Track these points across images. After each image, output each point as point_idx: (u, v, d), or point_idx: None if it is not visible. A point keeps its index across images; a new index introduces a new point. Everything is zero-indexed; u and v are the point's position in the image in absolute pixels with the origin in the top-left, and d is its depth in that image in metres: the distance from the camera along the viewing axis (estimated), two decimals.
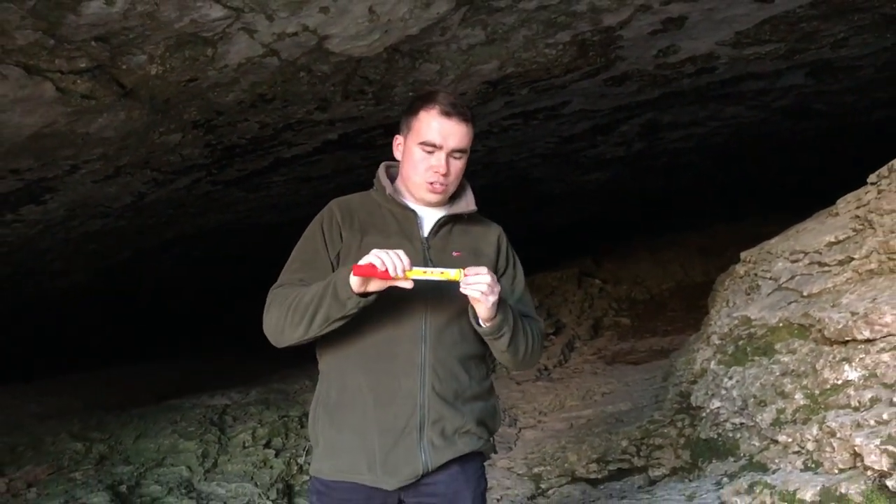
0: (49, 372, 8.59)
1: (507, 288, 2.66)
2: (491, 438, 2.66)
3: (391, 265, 2.23)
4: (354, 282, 2.26)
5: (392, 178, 2.64)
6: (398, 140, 2.62)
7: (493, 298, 2.34)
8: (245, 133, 5.49)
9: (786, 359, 4.29)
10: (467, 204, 2.62)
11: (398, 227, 2.55)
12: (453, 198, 2.64)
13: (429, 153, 2.49)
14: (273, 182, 7.19)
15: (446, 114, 2.48)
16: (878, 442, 3.14)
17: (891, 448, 3.06)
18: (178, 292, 11.99)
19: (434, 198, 2.53)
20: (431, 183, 2.49)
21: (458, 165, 2.53)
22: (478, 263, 2.55)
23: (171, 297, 12.14)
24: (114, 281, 9.38)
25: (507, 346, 2.49)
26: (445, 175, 2.49)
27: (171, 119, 4.81)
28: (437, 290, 2.44)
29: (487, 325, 2.41)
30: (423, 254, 2.50)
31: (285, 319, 2.39)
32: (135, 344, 11.61)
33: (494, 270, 2.62)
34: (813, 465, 3.58)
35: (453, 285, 2.34)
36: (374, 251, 2.26)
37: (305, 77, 4.69)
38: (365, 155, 6.78)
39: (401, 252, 2.26)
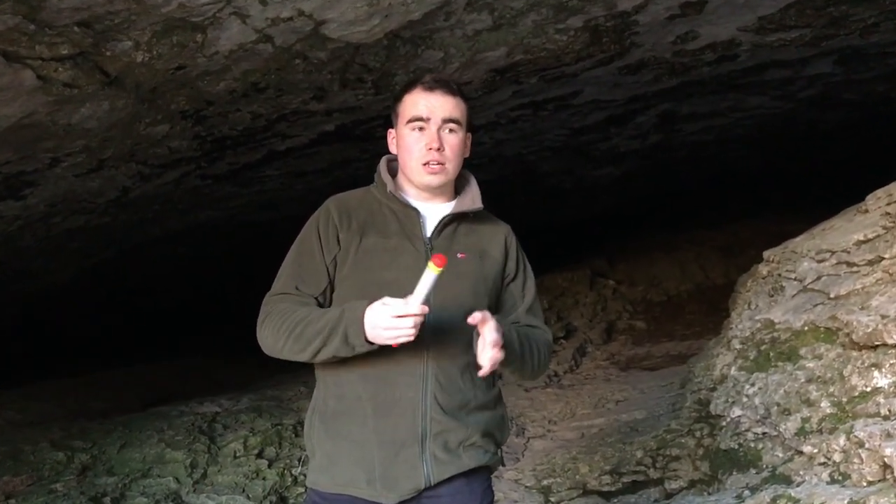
0: (29, 376, 8.60)
1: (516, 294, 2.66)
2: (498, 451, 2.65)
3: (406, 334, 2.25)
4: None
5: (394, 173, 2.64)
6: (391, 134, 2.64)
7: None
8: (236, 124, 5.50)
9: (811, 364, 4.28)
10: (473, 200, 2.62)
11: (399, 226, 2.54)
12: (457, 193, 2.64)
13: (419, 130, 2.50)
14: (266, 176, 7.19)
15: (429, 88, 2.52)
16: None
17: None
18: (165, 293, 12.00)
19: (434, 179, 2.52)
20: (427, 163, 2.50)
21: (453, 140, 2.53)
22: (483, 266, 2.56)
23: (158, 298, 12.15)
24: (98, 280, 9.39)
25: (512, 371, 2.56)
26: (440, 150, 2.49)
27: (157, 109, 4.81)
28: (440, 295, 2.44)
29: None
30: (425, 255, 2.50)
31: (285, 344, 2.42)
32: (120, 347, 11.62)
33: (502, 274, 2.63)
34: (840, 478, 3.57)
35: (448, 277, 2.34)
36: (380, 328, 2.26)
37: (301, 65, 4.70)
38: (364, 148, 6.79)
39: (400, 310, 2.24)
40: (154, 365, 9.79)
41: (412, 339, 2.26)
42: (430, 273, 2.21)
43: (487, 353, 2.31)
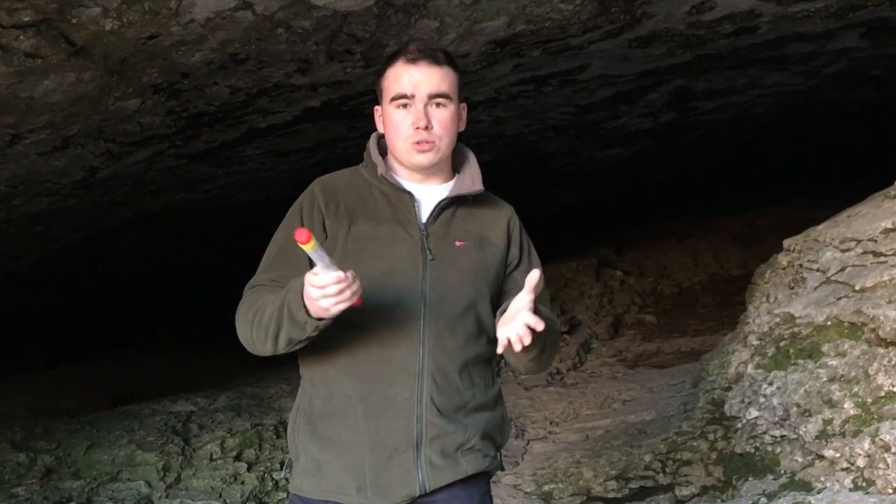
0: None
1: (521, 284, 2.63)
2: (498, 454, 2.65)
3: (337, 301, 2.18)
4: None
5: (384, 152, 2.62)
6: (378, 112, 2.62)
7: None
8: (213, 99, 5.47)
9: (834, 362, 4.29)
10: (473, 181, 2.60)
11: (392, 211, 2.52)
12: (456, 172, 2.62)
13: (404, 107, 2.48)
14: (246, 156, 7.16)
15: (412, 60, 2.48)
16: None
17: None
18: (137, 281, 11.98)
19: (424, 159, 2.49)
20: (416, 142, 2.47)
21: (443, 116, 2.49)
22: (484, 254, 2.54)
23: (129, 287, 12.13)
24: (63, 268, 9.37)
25: (532, 358, 2.50)
26: (428, 128, 2.46)
27: (128, 82, 4.79)
28: (436, 287, 2.43)
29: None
30: (420, 243, 2.48)
31: (252, 335, 2.42)
32: (88, 340, 11.62)
33: (504, 262, 2.61)
34: (864, 484, 3.58)
35: (446, 276, 2.31)
36: (311, 298, 2.20)
37: (284, 34, 4.67)
38: (352, 125, 6.77)
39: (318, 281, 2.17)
40: (124, 360, 9.79)
41: (351, 303, 2.19)
42: (306, 250, 2.13)
43: (522, 320, 2.28)
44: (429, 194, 2.57)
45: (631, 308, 10.95)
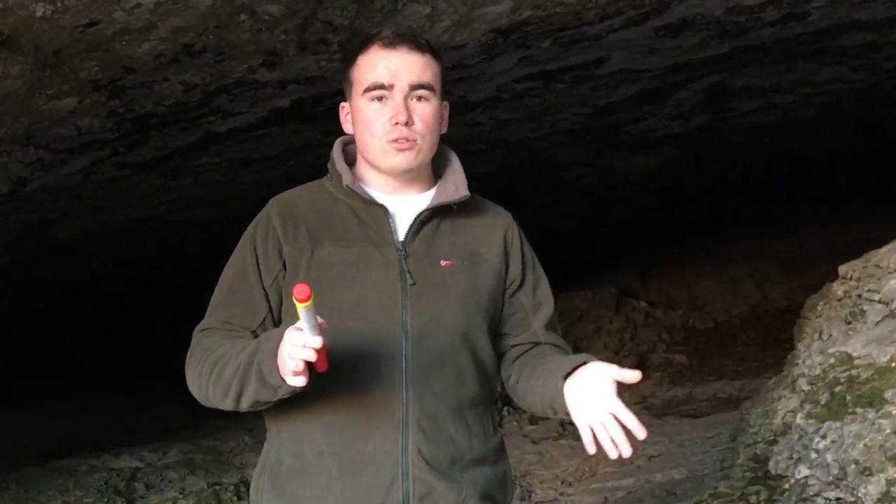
0: None
1: (526, 305, 2.60)
2: None
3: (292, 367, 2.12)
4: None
5: (352, 161, 2.60)
6: (345, 109, 2.59)
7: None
8: (164, 98, 5.48)
9: None
10: (456, 188, 2.56)
11: (362, 229, 2.49)
12: (437, 179, 2.60)
13: (379, 100, 2.44)
14: (202, 165, 7.17)
15: (390, 45, 2.45)
16: None
17: None
18: (73, 313, 11.95)
19: (404, 160, 2.45)
20: (395, 140, 2.42)
21: (425, 112, 2.46)
22: (477, 273, 2.50)
23: (63, 320, 12.10)
24: None
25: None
26: (409, 124, 2.42)
27: (63, 78, 4.79)
28: (419, 318, 2.40)
29: None
30: (398, 265, 2.45)
31: (208, 390, 2.38)
32: (15, 382, 11.57)
33: (503, 282, 2.58)
34: None
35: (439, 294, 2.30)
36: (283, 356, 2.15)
37: (247, 21, 4.68)
38: (327, 130, 6.77)
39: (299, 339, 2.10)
40: (57, 405, 9.75)
41: (303, 379, 2.13)
42: (301, 310, 2.07)
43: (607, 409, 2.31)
44: (406, 207, 2.53)
45: (657, 346, 10.97)
